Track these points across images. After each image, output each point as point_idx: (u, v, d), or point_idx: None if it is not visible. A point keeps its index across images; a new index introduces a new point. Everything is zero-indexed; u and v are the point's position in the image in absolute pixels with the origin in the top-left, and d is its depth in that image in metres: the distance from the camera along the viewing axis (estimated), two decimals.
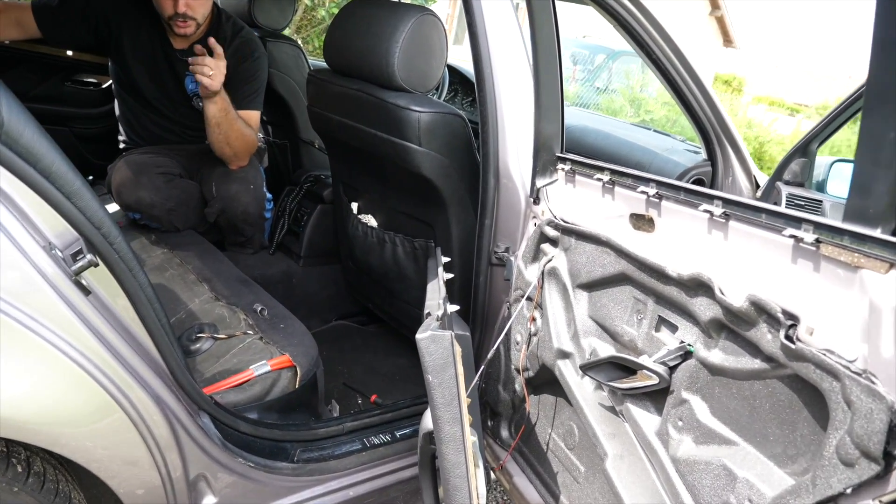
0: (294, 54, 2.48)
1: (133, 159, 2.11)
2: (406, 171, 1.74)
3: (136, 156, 2.15)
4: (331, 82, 1.87)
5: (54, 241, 1.00)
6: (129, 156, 2.16)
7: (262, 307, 1.79)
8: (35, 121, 1.01)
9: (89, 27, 2.13)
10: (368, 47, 1.70)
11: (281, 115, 2.60)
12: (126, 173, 2.06)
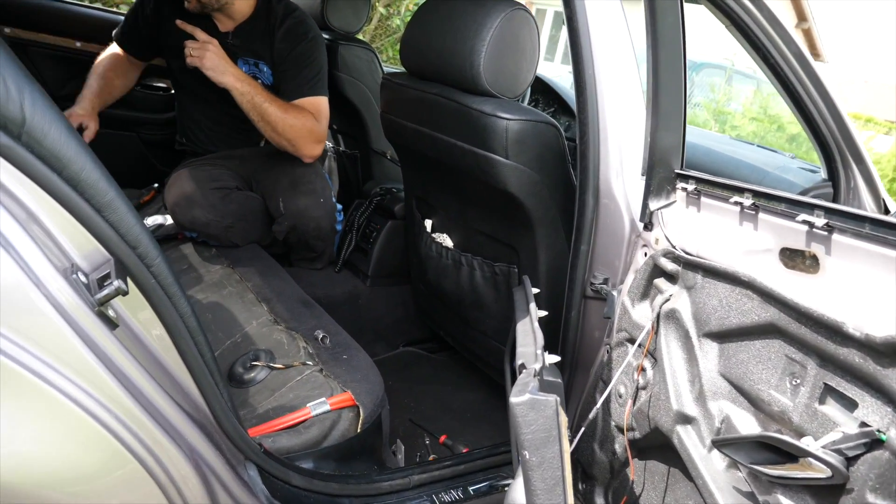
0: (367, 59, 2.32)
1: (186, 174, 1.98)
2: (489, 187, 1.54)
3: (190, 170, 2.02)
4: (407, 87, 1.69)
5: (79, 263, 0.84)
6: (183, 169, 2.03)
7: (324, 334, 1.62)
8: (65, 120, 0.85)
9: (151, 29, 2.06)
10: (450, 47, 1.51)
11: (351, 123, 2.45)
12: (179, 191, 1.93)
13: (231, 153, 2.18)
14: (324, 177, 2.08)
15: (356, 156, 2.54)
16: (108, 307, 0.83)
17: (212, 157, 2.16)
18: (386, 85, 1.80)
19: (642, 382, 1.16)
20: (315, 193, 2.00)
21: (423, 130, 1.66)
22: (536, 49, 1.55)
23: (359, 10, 2.36)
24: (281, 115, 1.87)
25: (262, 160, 2.15)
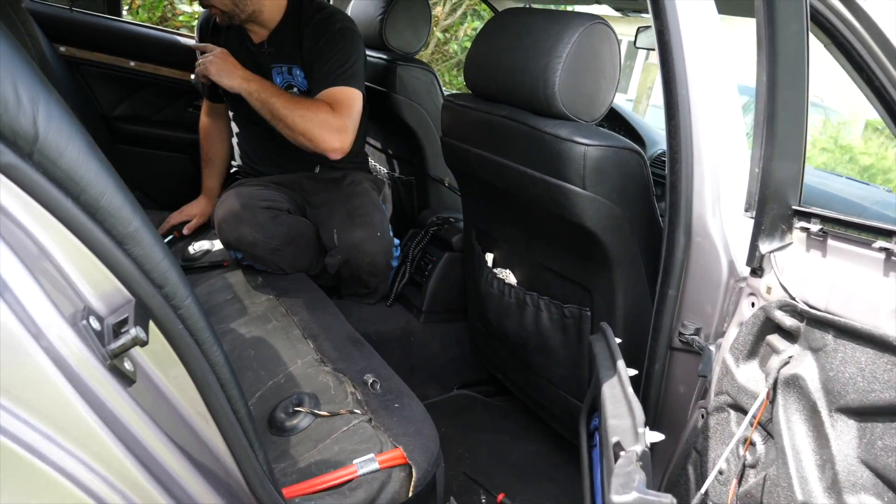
0: (426, 80, 2.20)
1: (237, 192, 1.90)
2: (562, 220, 1.38)
3: (242, 188, 1.94)
4: (472, 108, 1.56)
5: (94, 305, 0.72)
6: (235, 188, 1.96)
7: (374, 379, 1.47)
8: (87, 136, 0.74)
9: None
10: (521, 65, 1.38)
11: (408, 147, 2.33)
12: (228, 208, 1.85)
13: (285, 177, 2.09)
14: (382, 209, 1.97)
15: (412, 182, 2.42)
16: (123, 359, 0.70)
17: (265, 179, 2.08)
18: (448, 107, 1.67)
19: (751, 459, 0.97)
20: (372, 226, 1.87)
21: (488, 156, 1.52)
22: (617, 67, 1.39)
23: (419, 30, 2.25)
24: (290, 107, 1.74)
25: (316, 186, 2.05)
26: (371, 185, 2.09)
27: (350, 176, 2.10)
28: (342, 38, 1.86)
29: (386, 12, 2.16)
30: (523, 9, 1.48)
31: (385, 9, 2.16)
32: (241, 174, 2.20)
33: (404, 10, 2.19)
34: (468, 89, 1.62)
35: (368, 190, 2.02)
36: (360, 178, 2.10)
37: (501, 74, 1.45)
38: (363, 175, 2.14)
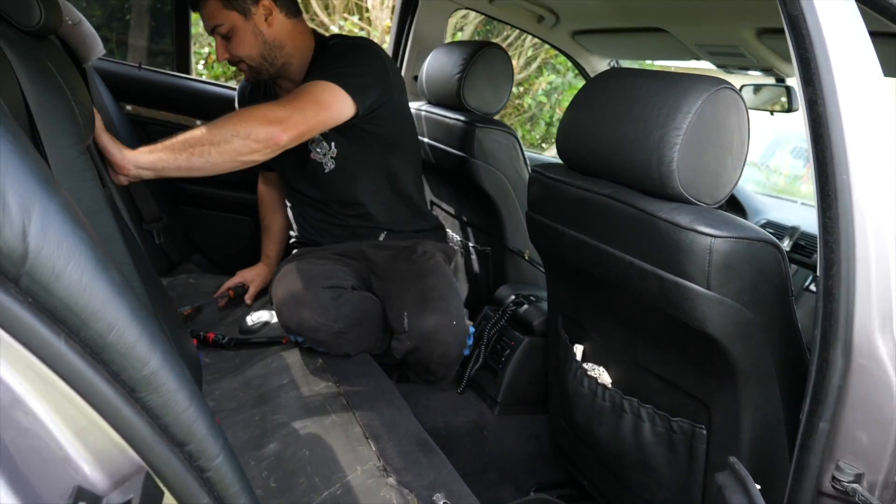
0: (508, 144, 2.03)
1: (297, 268, 1.77)
2: (675, 322, 1.16)
3: (300, 263, 1.80)
4: (566, 183, 1.36)
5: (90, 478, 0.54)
6: (292, 263, 1.82)
7: (445, 501, 1.26)
8: (97, 250, 0.57)
9: None
10: (630, 137, 1.17)
11: (485, 216, 2.14)
12: (287, 288, 1.73)
13: (347, 247, 1.94)
14: (457, 291, 1.79)
15: (487, 253, 2.23)
16: None
17: (326, 249, 1.93)
18: (536, 179, 1.47)
19: None
20: (447, 313, 1.69)
21: (585, 240, 1.31)
22: (746, 142, 1.18)
23: (499, 90, 2.09)
24: (207, 132, 1.45)
25: (383, 256, 1.89)
26: (444, 258, 1.91)
27: (421, 246, 1.92)
28: (345, 49, 1.71)
29: (465, 70, 2.01)
30: (630, 70, 1.29)
31: (464, 66, 2.01)
32: (299, 244, 2.07)
33: (484, 68, 2.03)
34: (560, 159, 1.43)
35: (442, 266, 1.85)
36: (432, 249, 1.92)
37: (604, 146, 1.25)
38: (435, 245, 1.96)
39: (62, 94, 1.13)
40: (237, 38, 1.68)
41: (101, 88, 2.04)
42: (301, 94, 1.57)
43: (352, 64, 1.65)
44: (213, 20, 1.65)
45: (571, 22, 2.42)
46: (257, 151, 1.49)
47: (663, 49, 2.33)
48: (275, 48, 1.71)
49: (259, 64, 1.72)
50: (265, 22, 1.67)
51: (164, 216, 2.22)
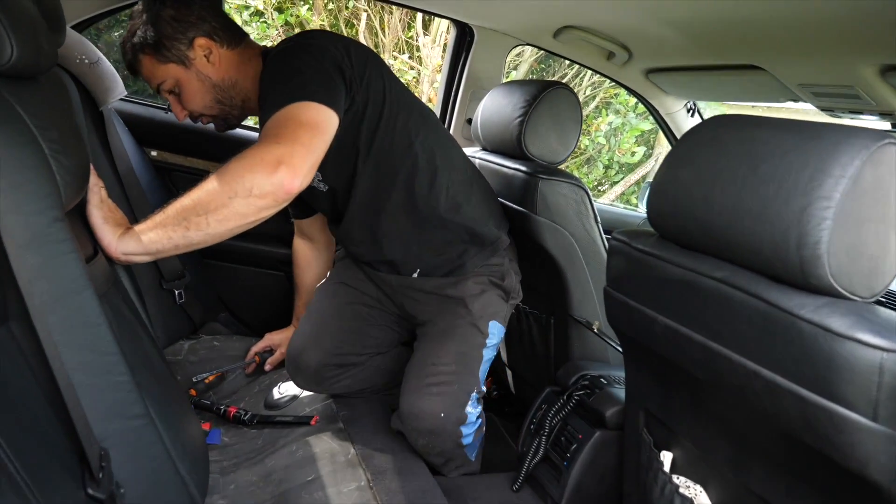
0: (575, 198, 1.76)
1: (315, 338, 1.78)
2: (818, 455, 0.86)
3: (331, 305, 1.81)
4: (661, 259, 1.09)
5: None
6: (307, 330, 1.81)
7: None
8: None
9: None
10: (754, 206, 0.90)
11: (548, 279, 1.86)
12: (300, 365, 1.78)
13: (382, 290, 1.82)
14: (471, 370, 1.64)
15: (548, 322, 1.94)
16: None
17: (369, 285, 1.83)
18: (620, 250, 1.20)
19: None
20: (441, 401, 1.60)
21: (687, 334, 1.03)
22: None
23: (565, 136, 1.83)
24: (203, 191, 1.18)
25: (417, 299, 1.76)
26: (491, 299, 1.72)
27: (463, 286, 1.69)
28: (287, 55, 1.38)
29: (526, 114, 1.76)
30: (746, 118, 1.01)
31: (526, 110, 1.76)
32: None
33: (549, 111, 1.78)
34: (652, 226, 1.15)
35: (472, 329, 1.66)
36: (473, 288, 1.70)
37: (716, 216, 0.97)
38: (480, 280, 1.71)
39: (35, 148, 0.91)
40: (185, 91, 1.48)
41: (121, 133, 1.86)
42: (285, 124, 1.24)
43: (300, 69, 1.34)
44: (154, 79, 1.47)
45: (646, 59, 2.16)
46: (266, 208, 1.19)
47: (755, 89, 2.05)
48: (227, 88, 1.50)
49: (220, 111, 1.53)
50: (207, 63, 1.46)
51: (186, 272, 2.01)
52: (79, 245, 1.05)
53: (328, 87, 1.33)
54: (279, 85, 1.31)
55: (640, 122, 5.21)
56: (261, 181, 1.15)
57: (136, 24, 1.42)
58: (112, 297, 1.16)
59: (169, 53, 1.43)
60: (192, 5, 1.43)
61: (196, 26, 1.43)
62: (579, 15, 1.95)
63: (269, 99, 1.29)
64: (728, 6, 1.59)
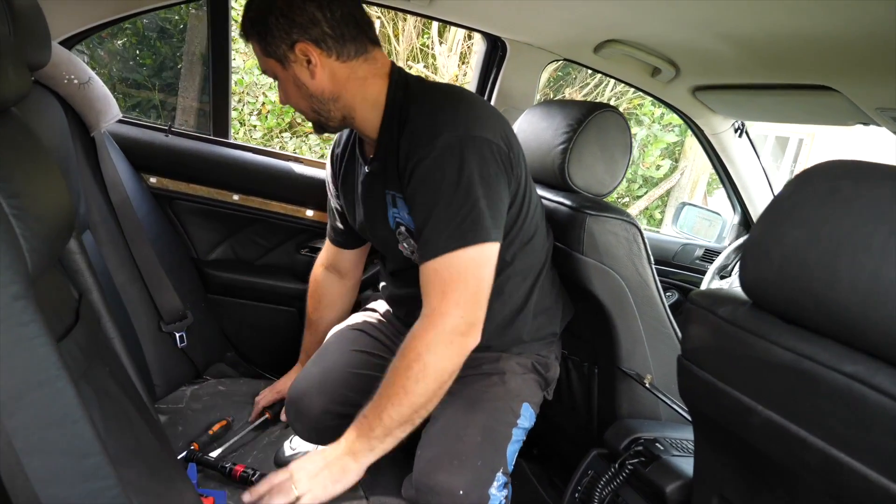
0: (627, 237, 1.57)
1: (308, 385, 1.60)
2: None
3: (316, 370, 1.62)
4: (763, 338, 0.89)
5: None
6: (314, 378, 1.61)
7: None
8: None
9: (335, 189, 1.64)
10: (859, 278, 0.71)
11: (593, 325, 1.67)
12: (300, 412, 1.60)
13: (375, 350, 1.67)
14: (499, 447, 1.44)
15: (592, 372, 1.75)
16: None
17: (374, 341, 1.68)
18: (702, 319, 1.01)
19: None
20: (461, 475, 1.36)
21: (799, 434, 0.84)
22: None
23: (614, 165, 1.64)
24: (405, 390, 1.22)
25: None
26: (528, 383, 1.54)
27: (505, 363, 1.54)
28: (445, 164, 1.21)
29: (571, 141, 1.57)
30: (879, 166, 0.82)
31: (570, 136, 1.57)
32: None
33: (596, 138, 1.59)
34: (745, 292, 0.96)
35: (504, 404, 1.48)
36: (515, 367, 1.54)
37: (844, 294, 0.78)
38: (523, 363, 1.55)
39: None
40: (280, 87, 1.36)
41: (115, 159, 1.68)
42: (463, 278, 1.22)
43: (474, 197, 1.21)
44: (260, 62, 1.35)
45: (695, 76, 1.97)
46: (456, 370, 1.26)
47: (822, 111, 1.85)
48: (325, 101, 1.33)
49: (314, 118, 1.38)
50: (305, 70, 1.29)
51: (188, 312, 1.83)
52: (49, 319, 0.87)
53: (499, 215, 1.27)
54: (452, 215, 1.21)
55: (666, 134, 5.02)
56: (456, 360, 1.24)
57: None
58: (95, 372, 0.98)
59: (269, 48, 1.28)
60: (307, 3, 1.24)
61: (303, 28, 1.25)
62: (625, 28, 1.76)
63: (440, 231, 1.22)
64: (801, 23, 1.40)
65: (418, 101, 1.29)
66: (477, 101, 1.33)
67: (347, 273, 1.78)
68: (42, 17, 1.29)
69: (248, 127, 4.58)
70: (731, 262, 2.45)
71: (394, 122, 1.32)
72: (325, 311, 1.82)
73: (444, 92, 1.33)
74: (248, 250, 2.07)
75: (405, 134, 1.27)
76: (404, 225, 1.38)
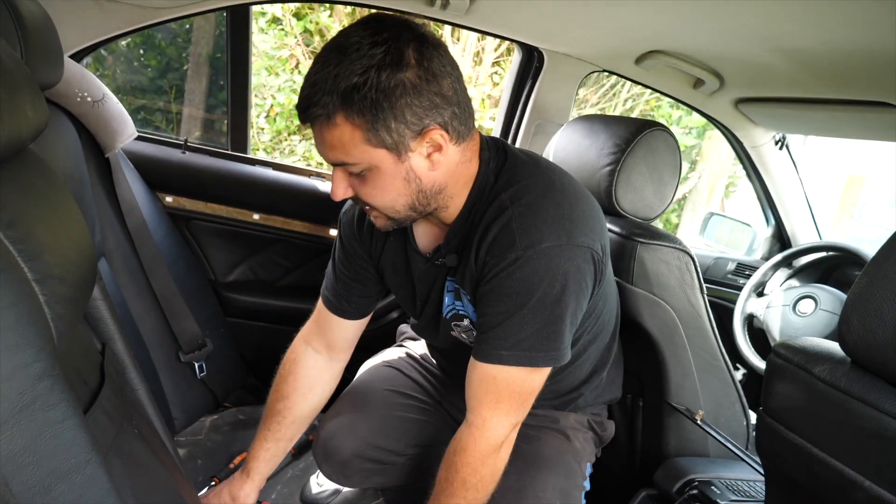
0: (679, 265, 1.48)
1: (338, 426, 1.45)
2: None
3: (346, 409, 1.47)
4: (875, 408, 0.80)
5: None
6: (339, 410, 1.48)
7: None
8: None
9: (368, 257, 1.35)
10: None
11: (640, 357, 1.58)
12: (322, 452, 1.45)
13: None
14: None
15: (635, 404, 1.66)
16: None
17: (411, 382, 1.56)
18: (793, 377, 0.92)
19: None
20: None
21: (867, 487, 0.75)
22: None
23: (663, 186, 1.54)
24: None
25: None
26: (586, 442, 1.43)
27: (566, 421, 1.43)
28: (538, 277, 1.04)
29: (619, 162, 1.47)
30: None
31: (617, 157, 1.47)
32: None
33: (645, 159, 1.49)
34: (845, 349, 0.87)
35: (578, 462, 1.38)
36: (574, 424, 1.43)
37: None
38: (581, 423, 1.45)
39: (8, 277, 0.64)
40: (377, 182, 1.04)
41: (131, 179, 1.59)
42: (510, 393, 1.12)
43: (527, 324, 1.07)
44: (342, 154, 1.00)
45: (741, 88, 1.87)
46: None
47: (878, 127, 1.76)
48: (431, 195, 1.08)
49: (405, 216, 1.11)
50: (426, 163, 1.04)
51: (207, 339, 1.74)
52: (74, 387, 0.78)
53: (576, 325, 1.14)
54: (530, 332, 1.07)
55: (683, 137, 4.92)
56: (506, 457, 1.17)
57: (358, 61, 0.93)
58: (123, 438, 0.89)
59: (385, 135, 0.97)
60: (445, 77, 0.98)
61: (437, 110, 0.98)
62: (672, 39, 1.67)
63: (512, 344, 1.08)
64: (866, 38, 1.31)
65: (513, 191, 1.08)
66: (579, 194, 1.13)
67: (338, 351, 1.44)
68: (54, 32, 1.19)
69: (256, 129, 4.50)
70: (768, 279, 2.36)
71: (479, 212, 1.12)
72: (297, 398, 1.42)
73: (545, 181, 1.11)
74: (268, 271, 1.98)
75: (493, 230, 1.07)
76: (467, 317, 1.22)
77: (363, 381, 1.56)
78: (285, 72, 4.54)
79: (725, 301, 2.49)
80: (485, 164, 1.12)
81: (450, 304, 1.23)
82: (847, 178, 5.95)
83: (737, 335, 2.28)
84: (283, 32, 4.69)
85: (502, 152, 1.15)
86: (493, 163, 1.12)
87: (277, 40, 4.63)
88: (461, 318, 1.22)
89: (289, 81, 4.52)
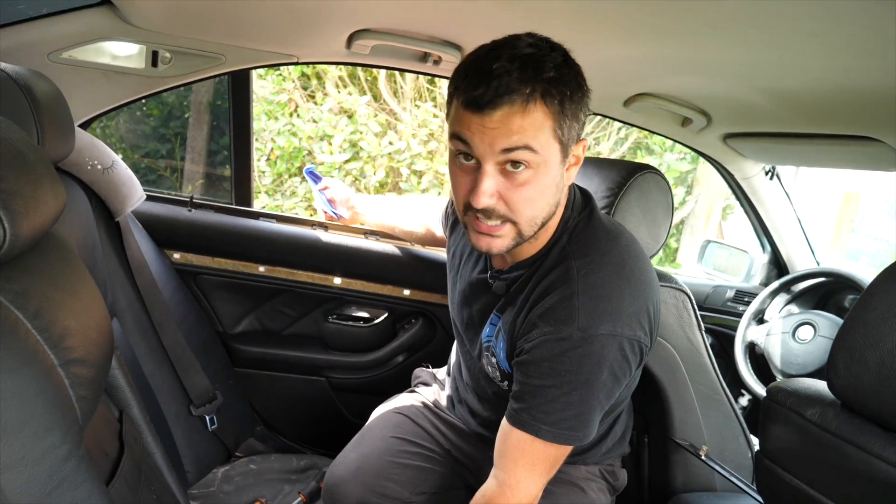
0: (677, 304, 1.52)
1: (346, 472, 1.46)
2: None
3: (354, 455, 1.49)
4: (867, 452, 0.83)
5: None
6: (347, 456, 1.50)
7: None
8: None
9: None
10: None
11: (643, 395, 1.60)
12: (330, 497, 1.46)
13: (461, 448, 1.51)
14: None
15: (640, 440, 1.68)
16: None
17: (419, 430, 1.56)
18: (787, 420, 0.95)
19: None
20: None
21: None
22: None
23: (657, 227, 1.58)
24: None
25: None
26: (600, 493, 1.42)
27: (576, 472, 1.43)
28: (583, 358, 1.04)
29: (613, 206, 1.51)
30: None
31: (611, 200, 1.51)
32: None
33: (638, 200, 1.53)
34: (834, 392, 0.90)
35: None
36: (588, 475, 1.43)
37: None
38: (592, 472, 1.44)
39: (34, 369, 0.67)
40: (538, 182, 1.00)
41: (140, 240, 1.63)
42: (542, 461, 1.11)
43: (561, 404, 1.06)
44: (530, 138, 0.95)
45: (728, 125, 1.92)
46: None
47: (862, 159, 1.80)
48: (553, 209, 1.07)
49: (531, 234, 1.06)
50: (567, 174, 1.06)
51: (217, 392, 1.77)
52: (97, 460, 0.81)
53: (608, 404, 1.12)
54: (562, 407, 1.06)
55: (678, 162, 4.97)
56: None
57: (548, 56, 0.95)
58: (144, 496, 0.92)
59: (566, 131, 0.97)
60: (587, 92, 1.01)
61: (584, 123, 1.02)
62: (658, 82, 1.72)
63: (543, 416, 1.07)
64: (847, 77, 1.36)
65: (584, 263, 1.08)
66: (646, 283, 1.10)
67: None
68: (65, 107, 1.24)
69: (257, 173, 4.56)
70: (766, 306, 2.39)
71: (545, 264, 1.12)
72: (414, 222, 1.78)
73: (617, 263, 1.09)
74: (274, 321, 2.02)
75: (553, 296, 1.07)
76: (496, 357, 1.23)
77: (372, 426, 1.58)
78: (284, 115, 4.61)
79: (726, 329, 2.52)
80: (567, 210, 1.13)
81: (488, 336, 1.24)
82: (843, 194, 5.99)
83: (739, 364, 2.30)
84: (282, 77, 4.77)
85: (589, 209, 1.15)
86: (575, 213, 1.14)
87: (276, 85, 4.71)
88: (492, 354, 1.24)
89: (288, 125, 4.59)
